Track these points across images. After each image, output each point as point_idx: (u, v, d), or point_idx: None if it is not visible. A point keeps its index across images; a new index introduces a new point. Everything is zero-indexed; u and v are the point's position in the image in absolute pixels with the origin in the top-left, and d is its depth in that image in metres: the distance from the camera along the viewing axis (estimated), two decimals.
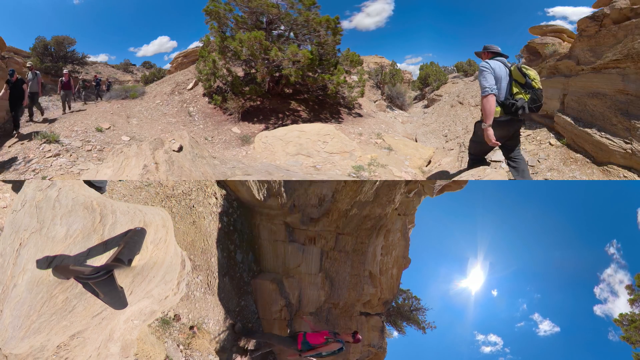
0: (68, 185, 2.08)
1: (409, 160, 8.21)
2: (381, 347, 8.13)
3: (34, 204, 1.96)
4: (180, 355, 3.78)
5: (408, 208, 7.88)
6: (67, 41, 21.72)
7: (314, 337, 4.87)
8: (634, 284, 12.70)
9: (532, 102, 3.60)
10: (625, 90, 5.94)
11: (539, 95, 3.62)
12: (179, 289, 2.73)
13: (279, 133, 7.64)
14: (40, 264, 1.75)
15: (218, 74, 11.47)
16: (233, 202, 5.13)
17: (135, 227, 1.96)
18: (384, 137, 9.90)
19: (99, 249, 1.84)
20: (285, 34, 12.31)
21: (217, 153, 8.51)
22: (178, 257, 2.59)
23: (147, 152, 3.95)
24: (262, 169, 5.51)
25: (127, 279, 2.08)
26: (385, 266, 7.53)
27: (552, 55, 9.26)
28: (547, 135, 7.42)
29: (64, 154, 6.65)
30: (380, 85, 16.31)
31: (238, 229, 5.17)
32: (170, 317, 3.92)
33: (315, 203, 5.32)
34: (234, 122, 10.92)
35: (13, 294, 1.76)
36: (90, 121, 9.43)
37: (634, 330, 11.42)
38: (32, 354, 1.86)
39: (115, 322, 2.41)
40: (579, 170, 6.09)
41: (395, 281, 8.12)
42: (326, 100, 12.94)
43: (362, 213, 5.91)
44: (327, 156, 6.91)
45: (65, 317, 1.84)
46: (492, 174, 4.16)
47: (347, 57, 13.14)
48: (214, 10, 11.09)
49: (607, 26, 6.55)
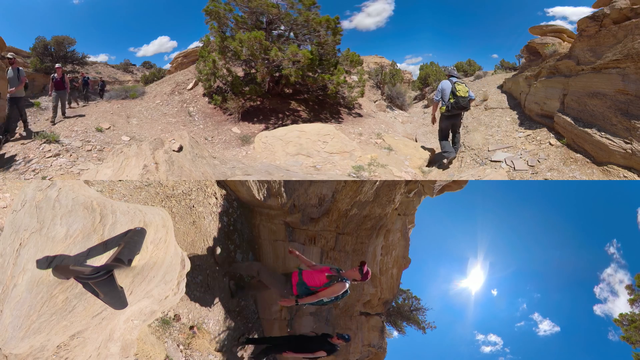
0: (68, 185, 2.08)
1: (409, 160, 8.21)
2: (381, 347, 8.13)
3: (34, 204, 1.96)
4: (180, 355, 3.78)
5: (408, 208, 7.88)
6: (67, 41, 21.68)
7: (311, 276, 3.80)
8: (634, 284, 12.70)
9: (455, 104, 6.41)
10: (625, 90, 5.94)
11: (458, 100, 6.37)
12: (179, 288, 2.73)
13: (279, 133, 7.63)
14: (40, 264, 1.75)
15: (218, 74, 11.47)
16: (233, 202, 5.13)
17: (135, 227, 1.96)
18: (384, 137, 9.90)
19: (99, 249, 1.84)
20: (285, 34, 12.31)
21: (217, 153, 8.51)
22: (178, 257, 2.59)
23: (147, 152, 3.95)
24: (262, 169, 5.51)
25: (127, 279, 2.08)
26: (385, 266, 7.53)
27: (552, 55, 9.26)
28: (547, 135, 7.43)
29: (64, 154, 6.65)
30: (380, 85, 16.31)
31: (238, 229, 5.17)
32: (170, 317, 3.92)
33: (315, 203, 5.32)
34: (234, 122, 10.91)
35: (13, 294, 1.76)
36: (90, 121, 9.43)
37: (634, 330, 11.42)
38: (32, 354, 1.86)
39: (115, 322, 2.41)
40: (579, 170, 6.09)
41: (395, 281, 8.12)
42: (326, 100, 12.94)
43: (362, 213, 5.91)
44: (327, 156, 6.91)
45: (65, 317, 1.84)
46: (492, 174, 4.17)
47: (347, 57, 13.14)
48: (214, 10, 11.09)
49: (607, 26, 6.55)
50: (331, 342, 4.65)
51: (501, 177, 5.80)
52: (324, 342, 4.67)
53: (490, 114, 10.05)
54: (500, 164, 6.82)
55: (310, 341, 4.74)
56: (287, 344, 4.86)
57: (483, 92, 12.20)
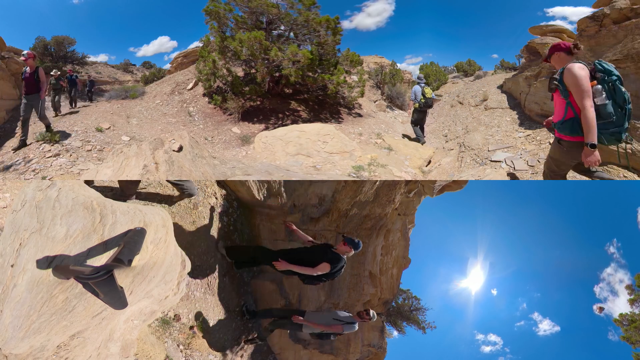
0: (68, 185, 2.08)
1: (409, 160, 8.21)
2: (381, 347, 8.13)
3: (34, 204, 1.96)
4: (180, 355, 3.78)
5: (408, 208, 7.88)
6: (67, 41, 21.70)
7: None
8: (634, 284, 12.71)
9: (424, 102, 8.94)
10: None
11: (427, 100, 8.91)
12: (179, 289, 2.73)
13: (279, 133, 7.63)
14: (40, 264, 1.75)
15: (218, 74, 11.47)
16: (233, 202, 5.12)
17: (135, 227, 1.96)
18: (384, 137, 9.90)
19: (99, 249, 1.84)
20: (285, 34, 12.31)
21: (217, 153, 8.51)
22: (178, 257, 2.59)
23: (147, 152, 3.94)
24: (262, 169, 5.51)
25: (128, 279, 2.08)
26: (385, 266, 7.53)
27: None
28: (547, 135, 7.42)
29: (64, 154, 6.65)
30: (380, 85, 16.31)
31: (238, 229, 5.17)
32: (170, 317, 3.92)
33: (315, 203, 5.32)
34: (234, 122, 10.91)
35: (13, 294, 1.76)
36: (90, 121, 9.43)
37: (634, 330, 11.43)
38: (32, 354, 1.86)
39: (115, 322, 2.41)
40: None
41: (395, 281, 8.13)
42: (326, 100, 12.94)
43: (362, 213, 5.91)
44: (327, 156, 6.91)
45: (65, 317, 1.84)
46: (492, 174, 4.17)
47: (347, 57, 13.14)
48: (214, 10, 11.09)
49: (607, 26, 6.55)
50: (335, 251, 3.82)
51: (501, 177, 5.80)
52: (326, 253, 3.81)
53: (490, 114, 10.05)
54: (500, 164, 6.82)
55: (311, 254, 3.90)
56: (277, 255, 3.96)
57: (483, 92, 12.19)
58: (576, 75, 2.72)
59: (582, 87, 2.68)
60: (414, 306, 14.18)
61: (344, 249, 3.80)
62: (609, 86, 2.67)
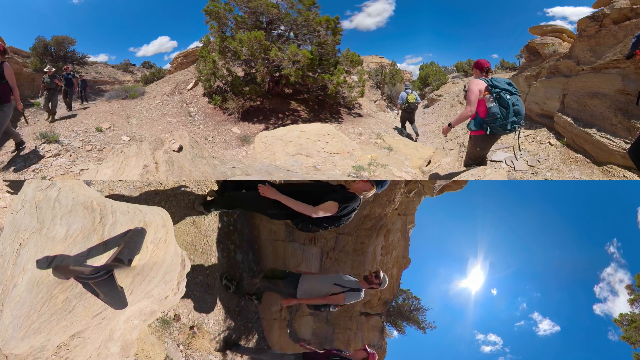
0: (68, 185, 2.08)
1: (409, 160, 8.21)
2: (381, 347, 8.13)
3: (34, 204, 1.96)
4: (180, 355, 3.78)
5: (408, 208, 7.87)
6: (67, 41, 21.69)
7: None
8: (634, 284, 12.71)
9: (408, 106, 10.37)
10: (625, 90, 5.94)
11: (410, 104, 10.34)
12: (179, 288, 2.73)
13: (279, 133, 7.62)
14: (40, 264, 1.75)
15: (218, 74, 11.47)
16: None
17: (135, 227, 1.96)
18: (384, 137, 9.90)
19: (99, 249, 1.84)
20: (285, 34, 12.30)
21: (217, 153, 8.51)
22: (178, 257, 2.59)
23: (147, 152, 3.94)
24: (262, 169, 5.51)
25: (128, 279, 2.08)
26: (385, 266, 7.52)
27: (552, 55, 9.25)
28: (547, 135, 7.43)
29: (64, 154, 6.65)
30: (380, 85, 16.31)
31: (238, 229, 5.17)
32: (170, 317, 3.92)
33: None
34: (234, 122, 10.91)
35: (13, 294, 1.76)
36: (90, 121, 9.43)
37: (634, 330, 11.43)
38: (32, 354, 1.86)
39: (115, 322, 2.41)
40: (579, 170, 6.09)
41: (395, 281, 8.12)
42: (326, 100, 12.94)
43: (362, 213, 5.91)
44: (327, 156, 6.91)
45: (65, 317, 1.84)
46: (492, 174, 4.18)
47: (347, 57, 13.14)
48: (214, 10, 11.09)
49: (607, 26, 6.55)
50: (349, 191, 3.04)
51: (501, 177, 5.80)
52: (335, 191, 3.00)
53: None
54: (500, 164, 6.82)
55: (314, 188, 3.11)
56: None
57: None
58: (469, 88, 3.88)
59: (469, 97, 3.84)
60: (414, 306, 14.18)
61: (362, 186, 2.96)
62: (495, 95, 3.77)
